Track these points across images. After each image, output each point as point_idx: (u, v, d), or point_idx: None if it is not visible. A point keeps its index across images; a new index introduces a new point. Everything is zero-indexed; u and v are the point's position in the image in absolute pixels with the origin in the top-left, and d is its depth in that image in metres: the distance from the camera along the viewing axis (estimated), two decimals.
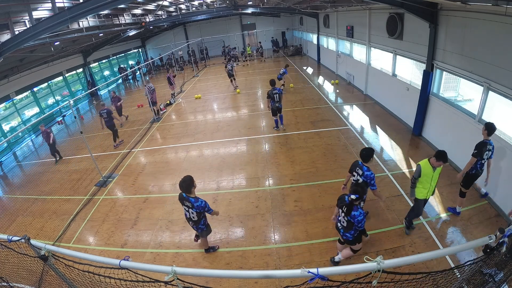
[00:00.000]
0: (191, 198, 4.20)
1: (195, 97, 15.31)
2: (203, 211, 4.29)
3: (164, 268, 1.93)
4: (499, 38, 5.05)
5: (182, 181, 4.17)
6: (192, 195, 4.24)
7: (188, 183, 4.18)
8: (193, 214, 4.32)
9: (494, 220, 5.05)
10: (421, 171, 4.24)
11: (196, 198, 4.22)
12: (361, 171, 4.41)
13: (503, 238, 1.86)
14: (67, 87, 17.79)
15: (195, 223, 4.46)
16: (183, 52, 27.28)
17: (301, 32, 26.26)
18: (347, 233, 3.95)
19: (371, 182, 4.35)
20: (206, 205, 4.25)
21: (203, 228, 4.56)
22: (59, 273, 2.86)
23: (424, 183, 4.35)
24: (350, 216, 3.73)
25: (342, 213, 3.89)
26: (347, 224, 3.85)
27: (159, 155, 9.12)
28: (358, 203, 3.75)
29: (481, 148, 4.62)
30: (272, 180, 7.02)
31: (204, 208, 4.25)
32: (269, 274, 1.89)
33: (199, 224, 4.47)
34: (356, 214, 3.68)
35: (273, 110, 9.41)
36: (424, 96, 7.69)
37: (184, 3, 20.34)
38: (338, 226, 4.08)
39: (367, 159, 4.44)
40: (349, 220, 3.79)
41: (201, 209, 4.22)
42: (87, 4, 7.16)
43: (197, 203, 4.18)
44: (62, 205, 7.12)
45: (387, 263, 1.68)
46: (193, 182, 4.26)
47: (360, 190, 3.68)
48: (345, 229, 3.94)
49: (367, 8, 10.94)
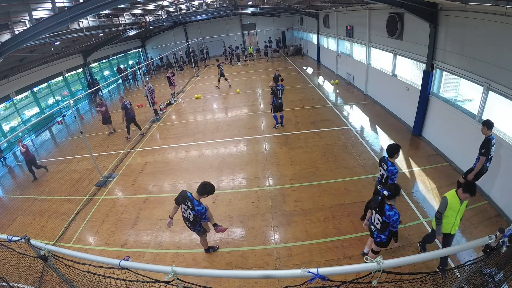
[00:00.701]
0: (195, 201, 4.18)
1: (195, 97, 15.31)
2: (200, 217, 4.24)
3: (164, 268, 1.93)
4: (499, 38, 5.05)
5: (206, 184, 4.19)
6: (197, 199, 4.20)
7: (209, 190, 4.18)
8: (190, 215, 4.31)
9: (494, 220, 5.05)
10: (448, 204, 3.73)
11: (200, 203, 4.19)
12: (386, 166, 4.49)
13: (503, 238, 1.87)
14: (67, 87, 17.79)
15: (191, 224, 4.43)
16: (183, 52, 27.31)
17: (301, 32, 26.27)
18: (381, 235, 3.88)
19: (392, 177, 4.42)
20: (205, 213, 4.22)
21: (199, 229, 4.53)
22: (59, 273, 2.86)
23: (449, 217, 3.82)
24: (385, 216, 3.67)
25: (376, 214, 3.83)
26: (381, 226, 3.79)
27: (159, 155, 9.12)
28: (391, 203, 3.71)
29: (488, 146, 4.65)
30: (272, 180, 7.02)
31: (203, 215, 4.21)
32: (269, 274, 1.89)
33: (196, 225, 4.44)
34: (392, 214, 3.64)
35: (276, 107, 9.47)
36: (424, 96, 7.69)
37: (184, 3, 20.34)
38: (372, 229, 4.00)
39: (391, 154, 4.48)
40: (383, 221, 3.72)
41: (199, 214, 4.19)
42: (87, 4, 7.16)
43: (199, 207, 4.16)
44: (62, 205, 7.12)
45: (387, 263, 1.68)
46: (212, 192, 4.27)
47: (393, 189, 3.64)
48: (379, 230, 3.85)
49: (367, 8, 10.94)
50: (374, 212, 3.89)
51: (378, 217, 3.80)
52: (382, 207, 3.70)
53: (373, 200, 3.91)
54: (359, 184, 6.46)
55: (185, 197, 4.26)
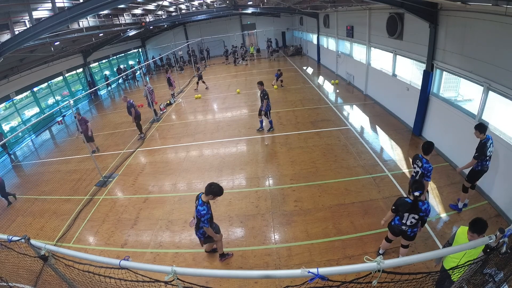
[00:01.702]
0: (200, 200, 4.08)
1: (195, 97, 15.31)
2: (201, 219, 4.06)
3: (164, 268, 1.93)
4: (499, 38, 5.05)
5: (212, 183, 4.01)
6: (203, 199, 4.06)
7: (214, 190, 3.96)
8: (195, 214, 4.21)
9: (494, 220, 5.05)
10: (455, 237, 3.34)
11: (203, 203, 4.03)
12: (421, 163, 4.52)
13: (503, 238, 1.86)
14: (67, 87, 17.80)
15: (196, 225, 4.29)
16: (183, 52, 27.29)
17: (301, 32, 26.27)
18: (415, 229, 3.99)
19: (427, 174, 4.47)
20: (206, 217, 4.04)
21: (200, 238, 4.39)
22: (59, 273, 2.86)
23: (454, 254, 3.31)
24: (422, 211, 3.74)
25: (409, 216, 3.82)
26: (416, 222, 3.86)
27: (159, 155, 9.12)
28: (422, 199, 3.77)
29: (482, 149, 4.64)
30: (272, 180, 7.02)
31: (202, 216, 4.04)
32: (269, 274, 1.89)
33: (198, 229, 4.28)
34: (426, 207, 3.75)
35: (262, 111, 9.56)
36: (424, 96, 7.69)
37: (184, 3, 20.35)
38: (404, 229, 3.99)
39: (427, 152, 4.54)
40: (420, 216, 3.80)
41: (199, 214, 4.03)
42: (87, 4, 7.16)
43: (201, 207, 4.02)
44: (62, 205, 7.12)
45: (387, 263, 1.68)
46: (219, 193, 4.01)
47: (420, 186, 3.70)
48: (412, 226, 3.94)
49: (367, 8, 10.94)
50: (406, 214, 3.85)
51: (413, 216, 3.82)
52: (416, 206, 3.74)
53: (400, 204, 3.87)
54: (359, 184, 6.46)
55: (197, 196, 4.21)
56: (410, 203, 3.75)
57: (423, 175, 4.50)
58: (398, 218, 3.98)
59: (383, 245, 4.50)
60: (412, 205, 3.74)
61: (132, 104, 10.18)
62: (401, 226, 3.99)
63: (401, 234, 4.09)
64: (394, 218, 4.06)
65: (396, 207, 3.91)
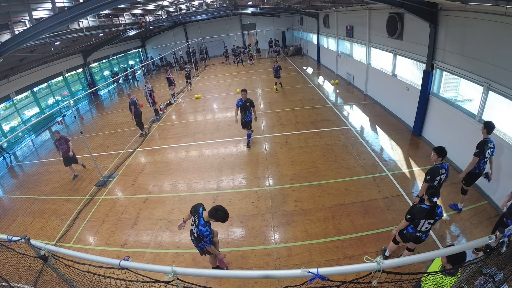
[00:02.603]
0: (202, 220, 3.81)
1: (195, 97, 15.31)
2: (202, 238, 3.89)
3: (164, 268, 1.93)
4: (499, 38, 5.05)
5: (219, 208, 3.71)
6: (206, 219, 3.82)
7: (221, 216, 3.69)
8: (195, 231, 3.98)
9: (494, 220, 5.03)
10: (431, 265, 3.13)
11: (206, 224, 3.82)
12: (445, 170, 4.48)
13: (503, 238, 1.86)
14: (67, 87, 17.79)
15: (195, 239, 4.08)
16: (183, 52, 27.29)
17: (301, 32, 26.26)
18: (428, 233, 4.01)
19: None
20: (207, 236, 3.85)
21: (202, 248, 4.18)
22: (59, 273, 2.86)
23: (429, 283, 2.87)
24: (438, 215, 3.75)
25: (425, 222, 3.78)
26: (431, 227, 3.86)
27: (159, 155, 9.12)
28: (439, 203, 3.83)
29: (483, 147, 4.62)
30: (272, 180, 7.02)
31: (204, 237, 3.84)
32: (269, 274, 1.89)
33: (200, 243, 4.09)
34: (441, 210, 3.78)
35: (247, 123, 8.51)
36: (424, 96, 7.69)
37: (184, 3, 20.35)
38: (418, 235, 3.94)
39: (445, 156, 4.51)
40: (435, 220, 3.80)
41: (201, 235, 3.87)
42: (87, 4, 7.16)
43: (203, 228, 3.79)
44: (62, 205, 7.12)
45: (387, 263, 1.68)
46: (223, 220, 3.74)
47: (437, 192, 3.65)
48: (427, 232, 3.91)
49: (367, 8, 10.94)
50: (423, 221, 3.78)
51: (428, 222, 3.78)
52: (433, 212, 3.72)
53: (415, 212, 3.78)
54: (359, 184, 6.46)
55: (196, 210, 3.91)
56: (427, 209, 3.68)
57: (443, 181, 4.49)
58: (412, 226, 3.88)
59: (390, 248, 4.44)
60: (429, 211, 3.69)
61: (135, 102, 10.21)
62: (416, 233, 3.92)
63: (415, 240, 4.04)
64: (408, 226, 3.95)
65: (412, 216, 3.79)
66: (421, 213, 3.72)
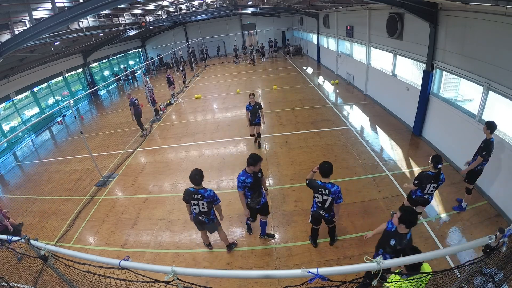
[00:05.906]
0: (201, 190, 4.23)
1: (195, 97, 15.31)
2: (213, 199, 4.29)
3: (164, 268, 1.93)
4: (499, 38, 5.05)
5: (194, 174, 4.18)
6: (201, 187, 4.27)
7: (201, 175, 4.22)
8: (203, 206, 4.31)
9: (494, 220, 5.05)
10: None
11: (205, 189, 4.26)
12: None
13: (503, 238, 1.87)
14: (67, 87, 17.79)
15: (206, 214, 4.41)
16: (183, 52, 27.25)
17: (301, 32, 26.26)
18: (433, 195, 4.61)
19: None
20: (215, 194, 4.29)
21: (213, 219, 4.52)
22: (59, 273, 2.86)
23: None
24: (440, 180, 4.36)
25: (431, 186, 4.36)
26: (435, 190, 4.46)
27: (159, 155, 9.12)
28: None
29: (490, 148, 4.64)
30: (272, 180, 7.02)
31: (214, 197, 4.28)
32: (269, 274, 1.89)
33: (210, 214, 4.44)
34: (443, 176, 4.39)
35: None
36: (424, 96, 7.69)
37: (184, 3, 20.34)
38: (425, 198, 4.51)
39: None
40: (438, 185, 4.41)
41: (211, 198, 4.24)
42: (87, 4, 7.16)
43: (207, 193, 4.22)
44: (62, 205, 7.12)
45: (387, 263, 1.68)
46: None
47: (441, 159, 4.23)
48: (432, 194, 4.54)
49: (367, 8, 10.94)
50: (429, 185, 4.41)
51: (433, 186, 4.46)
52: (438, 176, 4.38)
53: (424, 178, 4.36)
54: (359, 184, 6.46)
55: (189, 193, 4.26)
56: (432, 175, 4.29)
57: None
58: (420, 190, 4.46)
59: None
60: (435, 176, 4.30)
61: (134, 102, 10.21)
62: (424, 196, 4.50)
63: (423, 202, 4.60)
64: (416, 191, 4.52)
65: (420, 181, 4.35)
66: (428, 179, 4.33)
